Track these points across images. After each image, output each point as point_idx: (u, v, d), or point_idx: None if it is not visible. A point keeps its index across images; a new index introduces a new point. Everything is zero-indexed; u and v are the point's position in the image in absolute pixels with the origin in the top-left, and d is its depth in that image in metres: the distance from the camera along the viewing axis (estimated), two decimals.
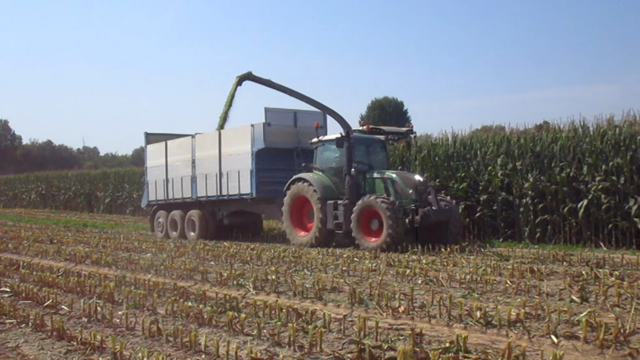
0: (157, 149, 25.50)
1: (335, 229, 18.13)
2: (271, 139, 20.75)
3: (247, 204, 21.92)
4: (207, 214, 23.12)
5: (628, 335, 6.82)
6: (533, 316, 7.85)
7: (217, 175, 22.17)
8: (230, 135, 22.20)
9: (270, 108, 21.20)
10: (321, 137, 19.55)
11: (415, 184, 17.31)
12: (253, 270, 12.76)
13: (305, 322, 7.89)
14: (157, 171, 25.33)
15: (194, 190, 23.29)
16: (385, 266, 13.22)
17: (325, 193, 18.48)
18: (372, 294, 9.61)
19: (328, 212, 18.20)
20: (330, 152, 19.35)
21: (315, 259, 14.59)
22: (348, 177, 18.12)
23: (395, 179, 17.57)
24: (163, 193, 24.90)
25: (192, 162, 23.43)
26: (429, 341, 6.95)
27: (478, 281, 10.77)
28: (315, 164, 19.49)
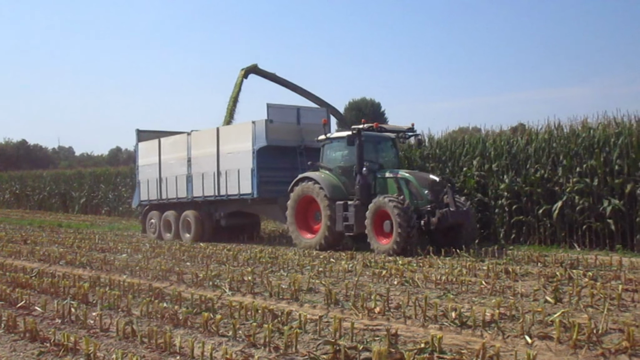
0: (150, 147, 24.59)
1: (345, 231, 17.20)
2: (273, 136, 19.87)
3: (247, 204, 21.12)
4: (203, 215, 22.27)
5: (601, 335, 6.89)
6: (507, 317, 7.91)
7: (214, 174, 21.32)
8: (230, 132, 21.52)
9: (273, 104, 20.32)
10: (329, 135, 18.70)
11: (430, 184, 16.45)
12: (229, 271, 12.73)
13: (281, 323, 7.88)
14: (149, 170, 24.42)
15: (189, 190, 22.47)
16: (362, 267, 13.25)
17: (333, 193, 17.58)
18: (348, 295, 9.62)
19: (337, 213, 17.26)
20: (339, 150, 18.50)
21: (291, 260, 14.58)
22: (359, 176, 17.21)
23: (409, 179, 16.74)
24: (156, 193, 24.03)
25: (187, 160, 22.58)
26: (405, 342, 6.97)
27: (453, 282, 10.83)
28: (322, 163, 18.59)
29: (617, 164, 17.50)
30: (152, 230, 24.07)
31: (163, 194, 23.67)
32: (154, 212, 24.19)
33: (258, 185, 19.79)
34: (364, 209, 16.54)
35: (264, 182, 19.86)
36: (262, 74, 25.31)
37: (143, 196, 24.84)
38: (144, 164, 24.90)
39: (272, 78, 25.34)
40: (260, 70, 25.27)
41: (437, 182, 16.50)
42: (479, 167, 20.34)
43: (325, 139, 18.59)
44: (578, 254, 15.43)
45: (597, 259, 13.56)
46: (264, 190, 19.92)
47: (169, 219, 23.19)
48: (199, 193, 21.98)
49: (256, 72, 25.26)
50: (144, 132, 25.56)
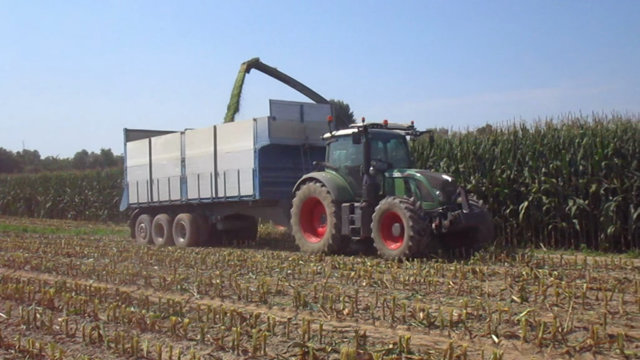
0: (139, 147, 23.29)
1: (352, 234, 16.16)
2: (276, 134, 18.71)
3: (247, 207, 19.93)
4: (198, 218, 21.10)
5: (566, 333, 6.98)
6: (475, 316, 7.98)
7: (211, 175, 20.14)
8: (228, 130, 20.41)
9: (275, 100, 19.14)
10: (334, 132, 17.46)
11: (443, 185, 15.47)
12: (197, 274, 12.66)
13: (249, 326, 7.86)
14: (139, 171, 23.12)
15: (183, 192, 21.30)
16: (331, 269, 13.27)
17: (339, 194, 16.48)
18: (316, 297, 9.62)
19: (343, 215, 16.20)
20: (345, 149, 17.39)
21: (260, 263, 14.55)
22: (366, 176, 16.15)
23: (420, 179, 15.75)
24: (146, 195, 22.76)
25: (181, 160, 21.39)
26: (373, 343, 7.00)
27: (422, 283, 10.90)
28: (328, 162, 17.52)
29: (582, 165, 17.78)
30: (142, 235, 22.87)
31: (154, 197, 22.52)
32: (144, 215, 22.98)
33: (260, 186, 18.73)
34: (371, 211, 15.56)
35: (266, 183, 18.82)
36: (263, 68, 24.20)
37: (132, 199, 23.59)
38: (133, 165, 23.68)
39: (274, 73, 24.06)
40: (261, 65, 24.20)
41: (449, 182, 15.63)
42: (446, 168, 20.49)
43: (331, 137, 17.54)
44: (544, 253, 15.62)
45: (563, 258, 13.75)
46: (266, 191, 18.85)
47: (161, 222, 22.03)
48: (194, 195, 20.93)
49: (258, 66, 24.20)
50: (133, 132, 24.29)
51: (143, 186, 22.90)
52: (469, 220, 15.00)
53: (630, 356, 6.18)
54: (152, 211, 22.66)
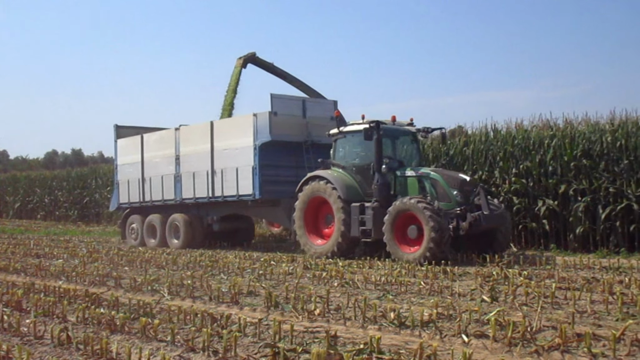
0: (131, 144, 22.49)
1: (362, 236, 15.32)
2: (278, 130, 17.89)
3: (246, 207, 19.14)
4: (193, 219, 20.31)
5: (535, 332, 7.05)
6: (445, 316, 8.02)
7: (208, 173, 19.33)
8: (226, 126, 19.59)
9: (277, 95, 18.33)
10: (342, 128, 16.51)
11: (460, 184, 14.76)
12: (168, 275, 12.58)
13: (220, 326, 7.82)
14: (130, 169, 22.32)
15: (177, 191, 20.46)
16: (302, 269, 13.27)
17: (348, 194, 15.61)
18: (288, 297, 9.61)
19: (352, 216, 15.35)
20: (353, 146, 16.50)
21: (232, 263, 14.51)
22: (377, 175, 15.28)
23: (436, 178, 14.99)
24: (138, 194, 21.93)
25: (175, 158, 20.55)
26: (344, 343, 7.00)
27: (393, 283, 10.94)
28: (334, 160, 16.63)
29: (551, 165, 17.98)
30: (133, 237, 22.11)
31: (146, 196, 21.68)
32: (135, 216, 22.19)
33: (260, 185, 17.90)
34: (383, 211, 14.78)
35: (266, 182, 18.00)
36: (259, 63, 23.70)
37: (123, 198, 22.76)
38: (123, 163, 22.81)
39: (270, 68, 23.73)
40: (258, 60, 23.62)
41: (467, 182, 14.94)
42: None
43: (338, 133, 16.60)
44: (514, 253, 15.75)
45: (532, 258, 13.88)
46: (267, 190, 18.02)
47: (154, 223, 21.23)
48: (189, 194, 20.13)
49: (254, 61, 23.60)
50: (124, 128, 23.38)
51: (134, 185, 22.11)
52: (490, 222, 14.38)
53: (597, 355, 6.25)
54: (144, 211, 21.89)
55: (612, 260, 14.06)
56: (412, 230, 14.22)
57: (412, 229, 14.21)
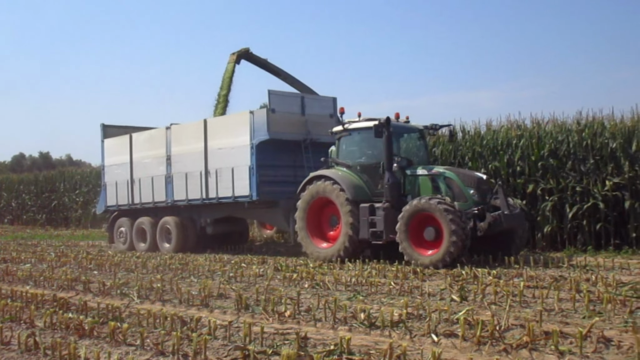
0: (119, 144, 21.51)
1: (372, 238, 14.56)
2: (276, 128, 17.04)
3: (242, 208, 18.19)
4: (186, 221, 19.43)
5: (503, 331, 7.11)
6: (415, 316, 8.06)
7: (201, 174, 18.48)
8: (221, 125, 18.69)
9: (274, 91, 17.61)
10: (348, 125, 15.70)
11: (477, 183, 14.16)
12: (138, 278, 12.49)
13: (190, 330, 7.79)
14: (118, 170, 21.37)
15: (169, 193, 19.55)
16: (273, 271, 13.25)
17: (356, 194, 14.87)
18: (258, 300, 9.60)
19: (361, 217, 14.64)
20: (359, 144, 15.79)
21: (202, 266, 14.44)
22: (388, 174, 14.50)
23: (451, 177, 14.34)
24: (127, 196, 20.96)
25: (166, 158, 19.66)
26: (314, 344, 7.01)
27: (363, 284, 10.97)
28: (338, 159, 15.89)
29: (519, 165, 18.18)
30: (121, 241, 21.18)
31: (136, 198, 20.73)
32: (124, 219, 21.25)
33: (257, 186, 17.04)
34: (394, 212, 14.15)
35: (264, 182, 17.17)
36: (253, 59, 23.07)
37: (110, 201, 21.73)
38: (111, 164, 21.85)
39: (264, 65, 23.11)
40: (252, 56, 22.97)
41: (484, 181, 14.38)
42: None
43: (342, 130, 15.78)
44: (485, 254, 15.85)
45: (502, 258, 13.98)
46: (265, 191, 17.19)
47: (144, 226, 20.30)
48: (181, 196, 19.24)
49: (248, 57, 22.97)
50: (111, 128, 22.43)
51: (123, 187, 21.18)
52: (510, 222, 13.84)
53: (564, 352, 6.33)
54: (133, 214, 21.04)
55: (579, 258, 14.25)
56: (429, 231, 13.54)
57: (429, 231, 13.54)
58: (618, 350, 6.34)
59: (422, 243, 13.68)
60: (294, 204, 16.23)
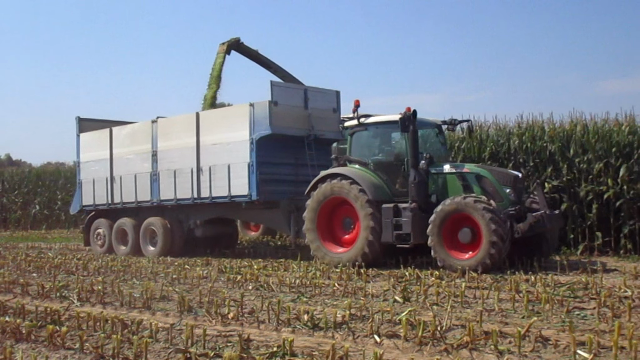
0: (97, 139, 19.97)
1: (397, 241, 13.47)
2: (278, 122, 15.76)
3: (238, 209, 16.93)
4: (173, 223, 18.02)
5: (445, 331, 7.21)
6: (358, 317, 8.11)
7: (193, 171, 17.07)
8: (216, 118, 17.22)
9: (277, 82, 16.53)
10: (363, 119, 14.52)
11: (513, 181, 13.25)
12: (78, 281, 12.24)
13: (131, 333, 7.68)
14: (96, 167, 19.82)
15: (154, 192, 18.09)
16: (217, 273, 13.16)
17: (377, 194, 13.73)
18: (202, 302, 9.52)
19: (384, 219, 13.48)
20: (376, 140, 14.76)
21: (145, 268, 14.27)
22: (413, 172, 13.38)
23: (484, 175, 13.31)
24: (105, 196, 19.41)
25: (152, 154, 18.18)
26: (257, 346, 6.99)
27: (307, 285, 10.99)
28: (351, 156, 14.72)
29: None
30: (99, 243, 19.65)
31: (116, 197, 19.21)
32: (102, 220, 19.73)
33: (258, 185, 15.74)
34: (420, 213, 13.22)
35: (264, 181, 15.87)
36: (244, 50, 22.11)
37: (86, 200, 20.13)
38: (87, 160, 20.24)
39: (254, 56, 22.23)
40: (242, 46, 21.95)
41: (520, 179, 13.60)
42: None
43: (357, 125, 14.63)
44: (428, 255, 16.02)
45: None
46: (265, 190, 15.88)
47: (125, 228, 18.82)
48: (168, 195, 17.78)
49: (238, 48, 21.90)
50: (88, 121, 20.85)
51: (101, 185, 19.59)
52: (552, 223, 13.13)
53: (503, 351, 6.44)
54: (112, 214, 19.54)
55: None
56: (464, 233, 12.59)
57: (464, 233, 12.59)
58: (555, 349, 6.48)
59: (456, 246, 12.76)
60: (295, 204, 15.61)
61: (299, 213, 15.24)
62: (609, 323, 7.45)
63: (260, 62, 22.40)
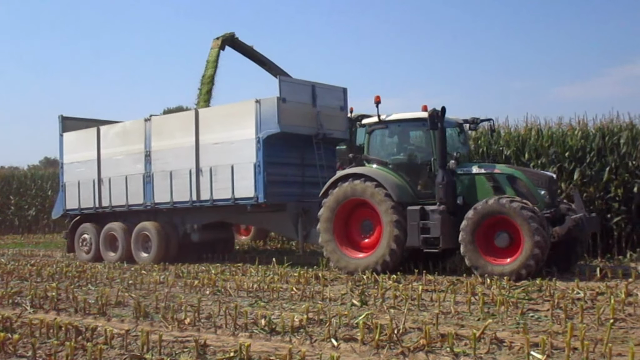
0: (82, 138, 18.90)
1: (423, 246, 12.71)
2: (287, 120, 14.91)
3: (242, 212, 15.95)
4: (167, 227, 17.03)
5: (401, 334, 7.25)
6: (316, 321, 8.11)
7: (191, 172, 16.10)
8: (218, 116, 16.26)
9: (285, 78, 15.65)
10: (384, 116, 13.59)
11: (548, 183, 12.54)
12: (32, 287, 12.02)
13: (85, 339, 7.57)
14: (81, 168, 18.68)
15: (148, 195, 17.04)
16: (174, 278, 13.05)
17: (401, 196, 12.94)
18: (158, 307, 9.44)
19: (410, 222, 12.68)
20: (398, 138, 13.96)
21: (100, 273, 14.10)
22: (442, 172, 12.56)
23: (518, 176, 12.56)
24: (92, 199, 18.26)
25: (145, 155, 17.13)
26: (214, 352, 6.94)
27: (265, 289, 10.97)
28: (369, 155, 13.83)
29: None
30: (84, 249, 18.48)
31: (104, 201, 18.08)
32: (88, 224, 18.52)
33: (265, 186, 14.91)
34: (449, 216, 12.51)
35: (272, 182, 15.05)
36: (238, 46, 21.29)
37: (71, 203, 19.00)
38: (72, 161, 19.12)
39: (249, 53, 21.54)
40: (237, 42, 21.20)
41: (554, 180, 13.02)
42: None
43: (377, 122, 13.72)
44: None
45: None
46: (273, 192, 15.05)
47: (114, 233, 17.70)
48: (164, 198, 16.75)
49: (233, 43, 21.16)
50: (72, 120, 19.77)
51: (87, 187, 18.47)
52: (592, 227, 12.67)
53: (459, 353, 6.50)
54: (100, 219, 18.41)
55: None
56: (501, 238, 11.85)
57: (502, 237, 11.85)
58: (510, 350, 6.56)
59: (491, 251, 11.98)
60: (302, 207, 15.03)
61: (307, 216, 14.78)
62: (562, 324, 7.58)
63: (255, 58, 21.77)
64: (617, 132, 16.65)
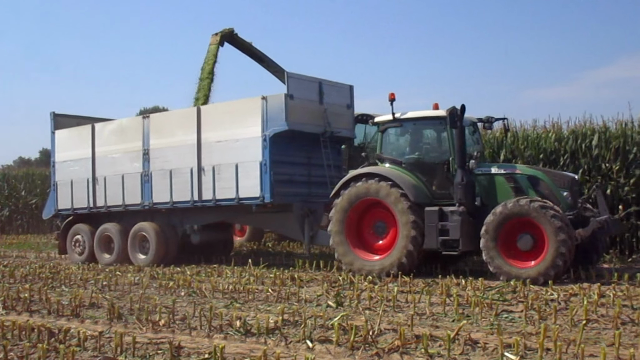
0: (76, 136, 18.30)
1: (442, 248, 12.32)
2: (294, 118, 14.51)
3: (247, 213, 15.47)
4: (166, 228, 16.51)
5: (376, 336, 7.27)
6: (291, 323, 8.11)
7: (193, 171, 15.59)
8: (221, 113, 15.73)
9: (293, 74, 15.07)
10: (399, 115, 13.15)
11: (570, 183, 12.27)
12: (4, 288, 11.91)
13: (58, 341, 7.50)
14: (74, 167, 18.06)
15: (146, 194, 16.49)
16: (149, 279, 12.97)
17: (418, 196, 12.58)
18: (132, 309, 9.37)
19: (428, 223, 12.33)
20: (413, 137, 13.49)
21: (74, 275, 13.97)
22: (461, 172, 12.20)
23: (540, 177, 12.27)
24: (86, 198, 17.65)
25: (143, 153, 16.60)
26: (189, 353, 6.91)
27: (241, 291, 10.93)
28: (383, 154, 13.44)
29: None
30: (77, 251, 17.88)
31: (99, 200, 17.46)
32: (81, 225, 17.94)
33: (272, 186, 14.48)
34: (468, 218, 12.18)
35: (279, 182, 14.63)
36: (237, 42, 21.02)
37: (63, 203, 18.35)
38: (64, 160, 18.45)
39: (248, 49, 21.27)
40: (236, 38, 20.87)
41: (576, 181, 12.73)
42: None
43: (391, 121, 13.27)
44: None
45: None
46: (280, 192, 14.64)
47: (110, 234, 17.14)
48: (163, 198, 16.22)
49: (231, 39, 20.82)
50: (64, 117, 19.11)
51: (81, 187, 17.84)
52: (617, 229, 12.49)
53: (433, 355, 6.53)
54: (94, 220, 17.80)
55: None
56: (525, 240, 11.50)
57: (525, 239, 11.49)
58: (484, 351, 6.60)
59: (514, 254, 11.63)
60: (309, 207, 14.77)
61: (314, 217, 14.61)
62: (536, 325, 7.64)
63: (254, 55, 21.46)
64: (589, 135, 16.84)
